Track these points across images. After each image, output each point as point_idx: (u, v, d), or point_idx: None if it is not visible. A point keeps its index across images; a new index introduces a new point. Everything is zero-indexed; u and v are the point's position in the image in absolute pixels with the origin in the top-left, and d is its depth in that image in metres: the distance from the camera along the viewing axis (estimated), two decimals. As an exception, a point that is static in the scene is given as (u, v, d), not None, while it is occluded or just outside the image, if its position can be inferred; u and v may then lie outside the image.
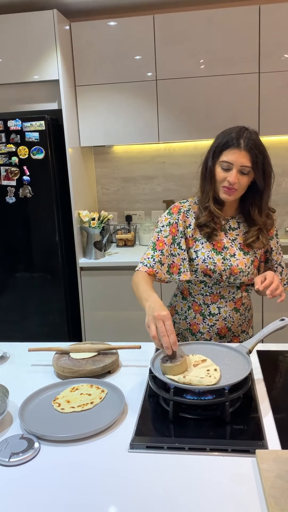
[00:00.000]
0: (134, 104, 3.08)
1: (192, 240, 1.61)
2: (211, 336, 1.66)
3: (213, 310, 1.63)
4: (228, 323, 1.64)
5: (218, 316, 1.63)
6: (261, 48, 2.90)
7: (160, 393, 1.21)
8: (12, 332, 3.13)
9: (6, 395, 1.22)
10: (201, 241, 1.60)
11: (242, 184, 1.51)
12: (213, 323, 1.64)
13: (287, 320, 1.39)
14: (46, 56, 2.89)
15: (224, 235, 1.61)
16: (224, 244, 1.59)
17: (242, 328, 1.70)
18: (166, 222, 1.62)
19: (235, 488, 0.93)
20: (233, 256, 1.58)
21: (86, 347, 1.52)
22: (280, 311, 2.89)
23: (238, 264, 1.57)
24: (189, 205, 1.64)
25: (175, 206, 1.64)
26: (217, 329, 1.64)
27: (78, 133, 3.17)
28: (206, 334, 1.66)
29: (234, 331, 1.67)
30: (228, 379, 1.20)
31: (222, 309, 1.63)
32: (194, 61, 2.98)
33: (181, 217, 1.61)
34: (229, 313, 1.63)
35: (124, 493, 0.93)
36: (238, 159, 1.46)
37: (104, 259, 3.13)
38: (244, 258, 1.59)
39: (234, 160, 1.47)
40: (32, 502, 0.92)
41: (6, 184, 2.98)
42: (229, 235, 1.61)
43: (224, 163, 1.49)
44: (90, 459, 1.04)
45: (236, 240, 1.61)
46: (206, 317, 1.64)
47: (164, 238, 1.59)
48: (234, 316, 1.65)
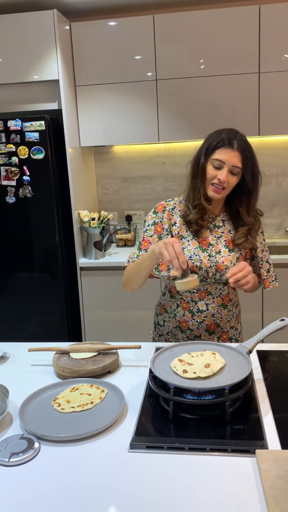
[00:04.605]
0: (134, 104, 3.08)
1: (178, 237, 1.64)
2: (201, 332, 1.68)
3: (201, 307, 1.65)
4: (217, 319, 1.66)
5: (206, 313, 1.65)
6: (261, 48, 2.91)
7: (160, 393, 1.21)
8: (12, 332, 3.13)
9: (6, 395, 1.22)
10: (187, 238, 1.63)
11: (230, 183, 1.55)
12: (202, 319, 1.66)
13: (287, 320, 1.39)
14: (46, 56, 2.89)
15: (209, 232, 1.64)
16: (210, 241, 1.63)
17: (231, 324, 1.72)
18: (152, 221, 1.67)
19: (235, 488, 0.93)
20: (218, 253, 1.62)
21: (86, 347, 1.52)
22: (280, 311, 2.89)
23: (223, 261, 1.60)
24: (174, 204, 1.67)
25: (160, 205, 1.68)
26: (206, 325, 1.67)
27: (78, 133, 3.18)
28: (196, 330, 1.68)
29: (222, 327, 1.69)
30: (228, 379, 1.20)
31: (210, 306, 1.65)
32: (194, 61, 2.98)
33: (166, 216, 1.65)
34: (217, 309, 1.66)
35: (124, 493, 0.93)
36: (231, 158, 1.51)
37: (104, 259, 3.13)
38: (229, 255, 1.62)
39: (227, 159, 1.51)
40: (32, 502, 0.92)
41: (6, 184, 2.98)
42: (214, 232, 1.65)
43: (216, 161, 1.53)
44: (90, 459, 1.04)
45: (221, 238, 1.65)
46: (194, 314, 1.66)
47: (149, 237, 1.65)
48: (222, 312, 1.67)
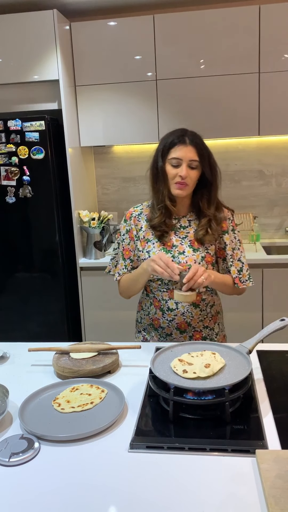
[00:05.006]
0: (134, 104, 3.08)
1: (144, 241, 1.69)
2: (171, 330, 1.70)
3: (171, 306, 1.68)
4: (187, 318, 1.68)
5: (176, 311, 1.67)
6: (261, 48, 2.91)
7: (160, 393, 1.21)
8: (12, 332, 3.13)
9: (6, 395, 1.22)
10: (153, 241, 1.68)
11: (192, 178, 1.60)
12: (172, 318, 1.68)
13: (287, 320, 1.39)
14: (46, 56, 2.89)
15: (173, 234, 1.68)
16: (173, 242, 1.66)
17: (205, 324, 1.72)
18: (124, 230, 1.76)
19: (235, 488, 0.93)
20: (182, 253, 1.64)
21: (86, 347, 1.52)
22: (280, 311, 2.89)
23: (187, 261, 1.62)
24: (141, 209, 1.76)
25: (128, 212, 1.77)
26: (176, 323, 1.69)
27: (78, 133, 3.18)
28: (167, 328, 1.70)
29: (195, 326, 1.70)
30: (228, 379, 1.20)
31: (179, 304, 1.67)
32: (194, 61, 2.98)
33: (133, 222, 1.73)
34: (186, 308, 1.67)
35: (124, 493, 0.93)
36: (186, 153, 1.57)
37: (104, 259, 3.13)
38: (193, 255, 1.64)
39: (183, 155, 1.57)
40: (32, 502, 0.92)
41: (6, 184, 2.98)
42: (179, 233, 1.68)
43: (174, 160, 1.58)
44: (90, 459, 1.04)
45: (186, 238, 1.67)
46: (165, 312, 1.69)
47: (128, 245, 1.74)
48: (192, 311, 1.68)
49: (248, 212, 3.39)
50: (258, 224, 3.38)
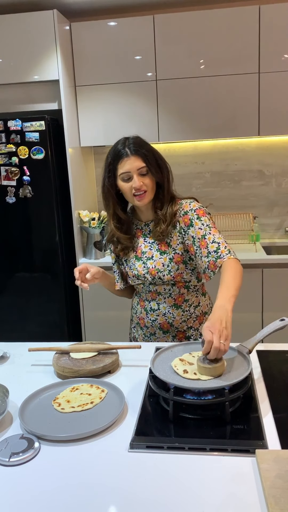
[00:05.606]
0: (134, 104, 3.08)
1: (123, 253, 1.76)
2: (155, 330, 1.73)
3: (153, 306, 1.71)
4: (169, 319, 1.70)
5: (158, 312, 1.70)
6: (261, 48, 2.91)
7: (160, 393, 1.21)
8: (12, 332, 3.13)
9: (6, 395, 1.22)
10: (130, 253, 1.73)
11: (147, 184, 1.58)
12: (154, 318, 1.71)
13: (287, 320, 1.39)
14: (46, 56, 2.89)
15: (143, 240, 1.70)
16: (142, 249, 1.69)
17: (188, 325, 1.72)
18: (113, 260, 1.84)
19: (235, 488, 0.93)
20: (150, 258, 1.67)
21: (86, 347, 1.52)
22: (280, 311, 2.89)
23: (155, 265, 1.65)
24: None
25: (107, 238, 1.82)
26: (159, 324, 1.71)
27: (78, 133, 3.18)
28: (150, 328, 1.73)
29: (177, 327, 1.71)
30: (228, 379, 1.20)
31: (161, 305, 1.70)
32: (194, 61, 2.98)
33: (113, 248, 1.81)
34: (168, 309, 1.69)
35: (124, 493, 0.93)
36: (132, 164, 1.55)
37: (104, 259, 3.13)
38: (161, 258, 1.65)
39: (130, 168, 1.56)
40: (32, 502, 0.92)
41: (6, 184, 2.98)
42: (148, 238, 1.70)
43: (123, 175, 1.57)
44: (90, 459, 1.04)
45: (154, 242, 1.68)
46: (148, 312, 1.73)
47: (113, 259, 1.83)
48: (174, 312, 1.69)
49: (248, 212, 3.40)
50: (258, 224, 3.39)
